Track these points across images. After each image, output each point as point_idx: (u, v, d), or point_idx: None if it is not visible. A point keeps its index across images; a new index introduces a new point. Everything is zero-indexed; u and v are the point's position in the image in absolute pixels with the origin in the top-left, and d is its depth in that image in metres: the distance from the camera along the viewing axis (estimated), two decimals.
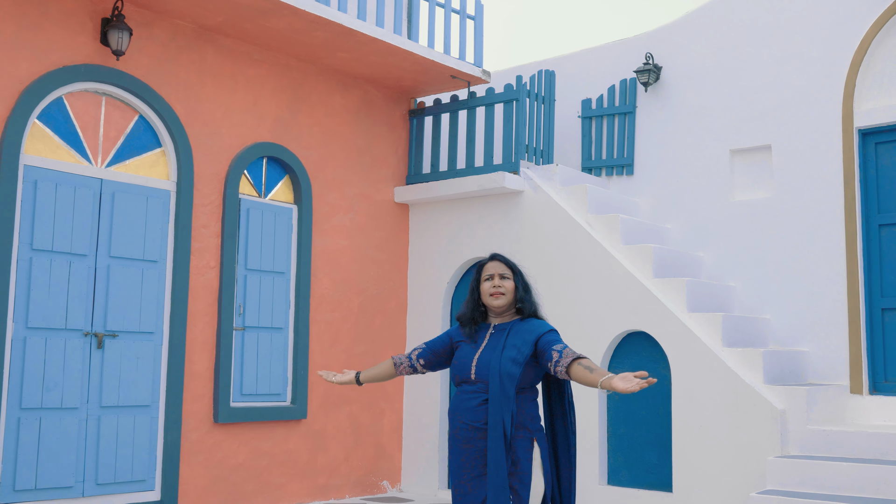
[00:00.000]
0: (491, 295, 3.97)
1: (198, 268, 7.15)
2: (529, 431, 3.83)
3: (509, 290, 3.98)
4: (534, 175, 8.14)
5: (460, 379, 3.94)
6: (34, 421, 6.13)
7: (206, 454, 7.06)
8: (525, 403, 3.86)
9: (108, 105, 6.79)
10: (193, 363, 7.05)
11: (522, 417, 3.83)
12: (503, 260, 4.09)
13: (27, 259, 6.20)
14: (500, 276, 3.99)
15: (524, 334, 3.88)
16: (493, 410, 3.74)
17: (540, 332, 3.86)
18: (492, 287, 3.97)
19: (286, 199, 7.95)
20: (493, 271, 4.02)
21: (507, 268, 4.04)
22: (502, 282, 3.98)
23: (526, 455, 3.77)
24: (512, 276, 4.03)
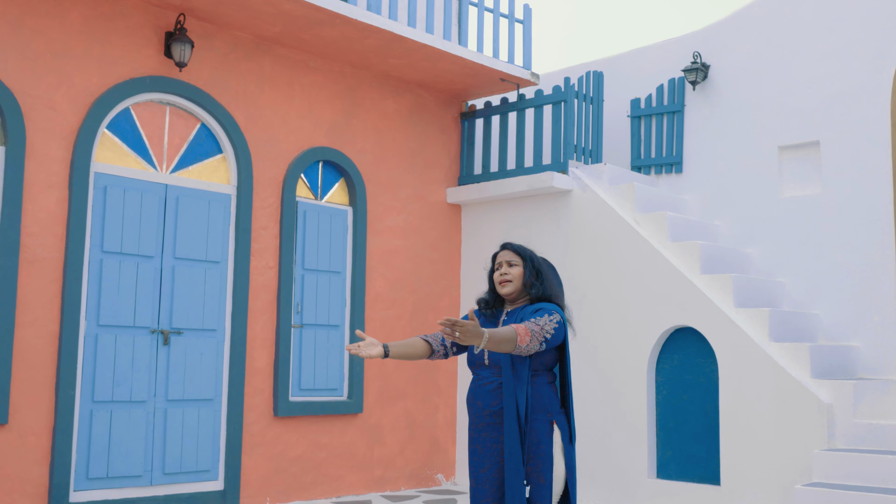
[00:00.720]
0: (499, 283, 4.03)
1: (257, 268, 7.47)
2: (548, 414, 3.89)
3: (516, 276, 4.01)
4: (582, 174, 8.29)
5: (475, 364, 4.00)
6: (105, 413, 6.50)
7: (266, 446, 7.38)
8: (542, 387, 3.92)
9: (172, 114, 7.16)
10: (254, 359, 7.38)
11: (540, 400, 3.89)
12: (512, 248, 4.10)
13: (98, 261, 6.58)
14: (507, 264, 4.03)
15: (529, 314, 3.94)
16: (507, 394, 3.82)
17: (536, 309, 3.93)
18: (499, 276, 4.03)
19: (341, 201, 8.24)
20: (502, 259, 4.08)
21: (516, 255, 4.05)
22: (510, 269, 4.01)
23: (547, 439, 3.85)
24: (521, 263, 4.05)
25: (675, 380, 7.50)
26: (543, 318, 3.86)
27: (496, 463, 3.88)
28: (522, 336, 3.74)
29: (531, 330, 3.77)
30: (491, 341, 3.67)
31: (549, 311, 3.92)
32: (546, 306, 3.94)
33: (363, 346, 3.77)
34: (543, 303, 4.00)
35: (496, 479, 3.88)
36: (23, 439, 6.11)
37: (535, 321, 3.82)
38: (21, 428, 6.11)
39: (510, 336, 3.71)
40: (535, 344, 3.80)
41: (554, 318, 3.89)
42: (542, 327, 3.82)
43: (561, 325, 3.95)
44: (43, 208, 6.34)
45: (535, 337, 3.80)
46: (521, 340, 3.75)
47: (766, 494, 6.73)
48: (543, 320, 3.85)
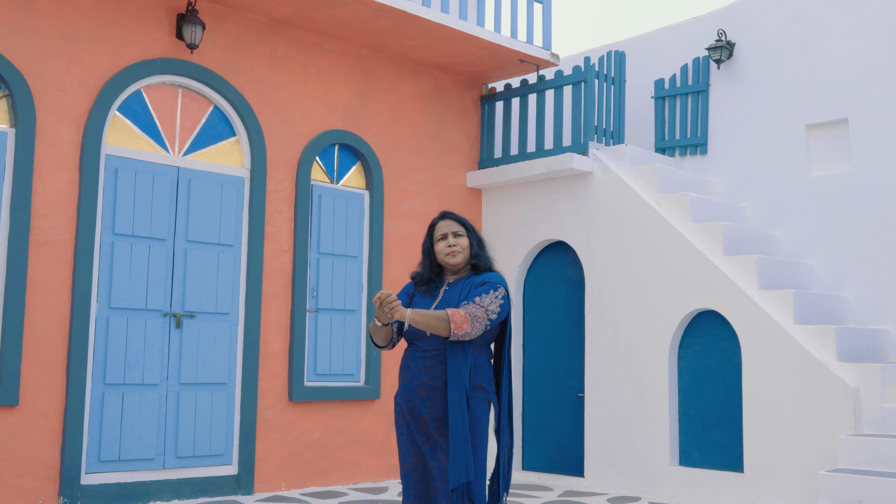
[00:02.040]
0: (447, 254, 3.87)
1: (271, 251, 7.41)
2: (485, 392, 3.74)
3: (464, 247, 3.86)
4: (603, 156, 8.12)
5: (415, 336, 3.80)
6: (117, 396, 6.48)
7: (281, 431, 7.31)
8: (482, 364, 3.78)
9: (185, 96, 7.11)
10: (268, 343, 7.31)
11: (479, 377, 3.75)
12: (455, 218, 3.95)
13: (109, 243, 6.55)
14: (453, 235, 3.88)
15: (475, 287, 3.80)
16: (451, 367, 3.65)
17: (482, 282, 3.78)
18: (447, 246, 3.87)
19: (358, 184, 8.15)
20: (447, 230, 3.89)
21: (460, 225, 3.91)
22: (457, 240, 3.87)
23: (484, 417, 3.71)
24: (465, 233, 3.91)
25: (697, 364, 7.30)
26: (489, 297, 3.72)
27: (440, 437, 3.71)
28: (460, 323, 3.61)
29: (472, 315, 3.64)
30: (415, 319, 3.58)
31: (495, 284, 3.78)
32: (492, 278, 3.81)
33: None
34: (488, 273, 3.86)
35: (440, 455, 3.71)
36: (34, 421, 6.10)
37: (480, 302, 3.69)
38: (32, 410, 6.10)
39: (440, 318, 3.60)
40: (477, 330, 3.68)
41: (499, 294, 3.77)
42: (485, 309, 3.70)
43: (506, 299, 3.82)
44: (53, 190, 6.33)
45: (478, 322, 3.67)
46: (458, 328, 3.61)
47: (790, 481, 6.52)
48: (488, 299, 3.71)
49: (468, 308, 3.64)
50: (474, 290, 3.76)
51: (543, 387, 8.42)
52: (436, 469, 3.70)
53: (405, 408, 3.80)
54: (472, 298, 3.69)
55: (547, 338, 8.45)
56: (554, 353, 8.38)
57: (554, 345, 8.40)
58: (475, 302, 3.67)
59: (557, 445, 8.28)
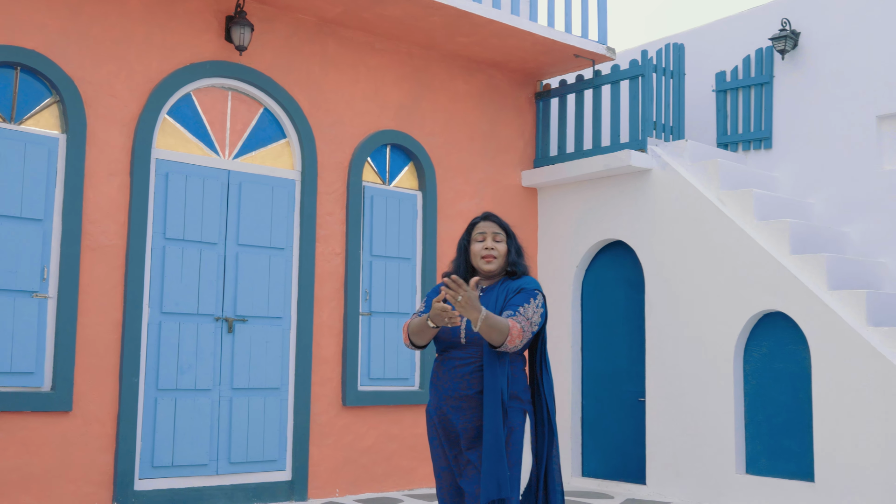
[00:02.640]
0: (483, 258, 3.65)
1: (323, 254, 7.31)
2: (521, 402, 3.55)
3: (502, 253, 3.65)
4: (662, 152, 7.85)
5: (447, 343, 3.58)
6: (170, 401, 6.44)
7: (335, 436, 7.21)
8: (517, 372, 3.58)
9: (234, 99, 7.06)
10: (321, 347, 7.22)
11: (515, 386, 3.53)
12: (497, 221, 3.72)
13: (160, 248, 6.52)
14: (493, 238, 3.66)
15: (512, 294, 3.59)
16: (488, 375, 3.43)
17: (519, 288, 3.58)
18: (484, 249, 3.65)
19: (410, 185, 8.01)
20: (486, 231, 3.67)
21: (502, 229, 3.69)
22: (495, 244, 3.65)
23: (520, 428, 3.52)
24: (505, 239, 3.69)
25: (764, 368, 7.00)
26: (531, 307, 3.52)
27: (474, 449, 3.50)
28: (514, 336, 3.42)
29: (523, 331, 3.45)
30: (485, 323, 3.35)
31: (532, 291, 3.58)
32: (527, 284, 3.61)
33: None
34: (525, 279, 3.65)
35: (473, 469, 3.50)
36: (87, 427, 6.09)
37: (523, 313, 3.48)
38: (85, 415, 6.09)
39: (503, 329, 3.39)
40: (523, 344, 3.51)
41: (539, 301, 3.59)
42: (529, 321, 3.51)
43: (544, 306, 3.64)
44: (104, 195, 6.31)
45: (525, 336, 3.49)
46: (512, 341, 3.42)
47: (865, 492, 6.19)
48: (530, 309, 3.52)
49: (519, 320, 3.45)
50: (512, 297, 3.56)
51: (603, 391, 8.19)
52: (466, 486, 3.51)
53: (437, 420, 3.62)
54: (515, 308, 3.49)
55: (606, 341, 8.22)
56: (614, 356, 8.14)
57: (613, 348, 8.16)
58: (520, 313, 3.47)
59: (618, 451, 8.04)
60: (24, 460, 5.82)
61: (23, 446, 5.82)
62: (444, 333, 3.58)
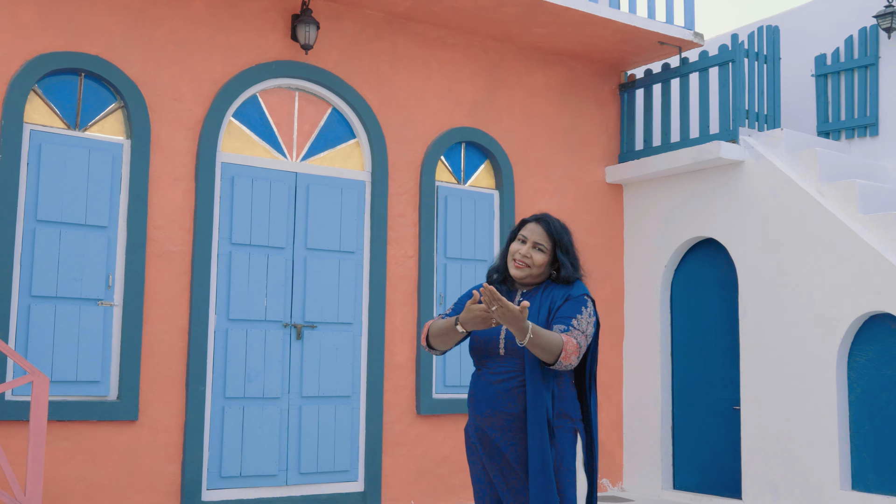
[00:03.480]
0: (512, 261, 3.28)
1: (395, 257, 7.07)
2: (571, 420, 3.17)
3: (537, 264, 3.24)
4: (755, 143, 7.32)
5: (484, 354, 3.23)
6: (237, 410, 6.30)
7: (409, 446, 6.96)
8: (565, 387, 3.20)
9: (302, 99, 6.88)
10: (394, 354, 6.98)
11: (563, 403, 3.15)
12: (548, 228, 3.27)
13: (227, 253, 6.39)
14: (533, 245, 3.25)
15: (559, 302, 3.21)
16: (531, 392, 3.06)
17: (566, 296, 3.19)
18: (518, 253, 3.24)
19: (487, 184, 7.70)
20: (529, 236, 3.26)
21: (549, 238, 3.25)
22: (533, 252, 3.23)
23: (570, 449, 3.14)
24: (549, 249, 3.25)
25: (870, 375, 6.41)
26: (583, 317, 3.14)
27: (519, 476, 3.14)
28: (570, 353, 3.03)
29: (579, 346, 3.07)
30: (532, 341, 2.97)
31: (582, 298, 3.19)
32: (576, 290, 3.21)
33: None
34: (574, 286, 3.24)
35: (519, 498, 3.14)
36: (154, 436, 6.00)
37: (577, 325, 3.10)
38: (152, 424, 6.00)
39: (554, 347, 3.00)
40: (578, 358, 3.10)
41: (590, 309, 3.19)
42: (584, 333, 3.12)
43: (596, 316, 3.24)
44: (170, 201, 6.22)
45: (580, 351, 3.09)
46: (567, 358, 3.03)
47: None
48: (583, 320, 3.13)
49: (574, 335, 3.07)
50: (560, 305, 3.19)
51: (695, 399, 7.69)
52: None
53: (477, 441, 3.25)
54: (568, 321, 3.11)
55: (698, 345, 7.72)
56: (706, 361, 7.64)
57: (706, 353, 7.65)
58: (574, 326, 3.10)
59: (712, 463, 7.53)
60: (90, 470, 5.76)
61: (88, 456, 5.76)
62: (480, 343, 3.24)
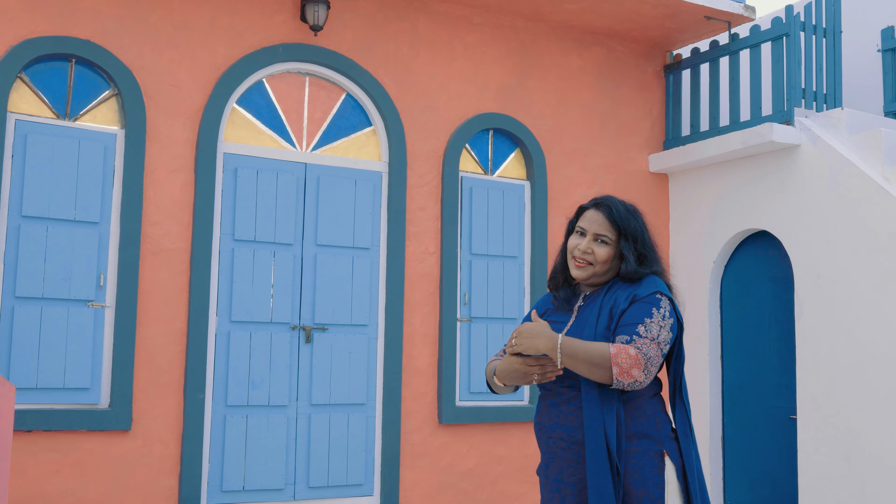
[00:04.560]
0: (573, 258, 2.77)
1: (415, 254, 6.56)
2: (655, 441, 2.62)
3: (601, 260, 2.73)
4: (813, 124, 6.61)
5: None
6: (240, 419, 5.85)
7: (430, 458, 6.44)
8: (643, 402, 2.64)
9: (312, 85, 6.41)
10: (413, 358, 6.46)
11: (641, 422, 2.62)
12: (609, 214, 2.74)
13: (229, 250, 5.95)
14: (594, 237, 2.74)
15: (623, 304, 2.67)
16: (588, 414, 2.56)
17: (631, 297, 2.65)
18: (577, 249, 2.75)
19: (517, 174, 7.13)
20: (588, 227, 2.75)
21: (611, 226, 2.73)
22: (594, 246, 2.72)
23: (655, 478, 2.54)
24: (615, 241, 2.73)
25: None
26: (653, 322, 2.58)
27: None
28: (627, 368, 2.48)
29: (646, 357, 2.51)
30: (567, 353, 2.50)
31: (653, 298, 2.62)
32: (645, 289, 2.66)
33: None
34: (642, 283, 2.68)
35: None
36: (148, 447, 5.58)
37: (645, 333, 2.55)
38: (146, 435, 5.58)
39: (598, 358, 2.49)
40: (651, 374, 2.53)
41: (664, 311, 2.61)
42: (656, 340, 2.55)
43: (674, 317, 2.64)
44: (166, 195, 5.80)
45: (652, 364, 2.52)
46: (625, 374, 2.49)
47: None
48: (654, 325, 2.57)
49: (640, 345, 2.53)
50: (623, 310, 2.65)
51: (747, 406, 7.00)
52: None
53: (549, 479, 2.70)
54: (632, 329, 2.57)
55: (750, 348, 7.02)
56: (759, 366, 6.94)
57: (758, 356, 6.96)
58: (640, 334, 2.55)
59: (766, 477, 6.84)
60: (79, 483, 5.36)
61: (77, 468, 5.37)
62: None
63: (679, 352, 2.73)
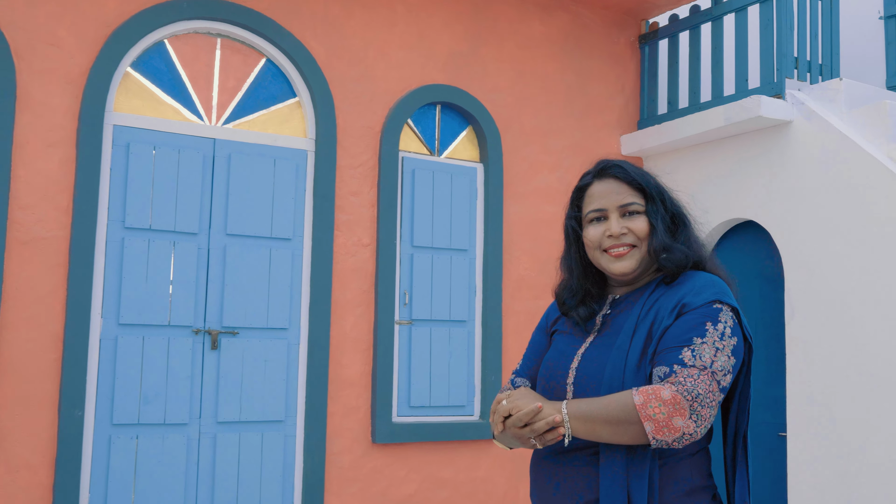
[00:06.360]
0: (608, 251, 2.03)
1: (345, 246, 5.65)
2: None
3: (641, 235, 2.01)
4: (806, 98, 5.73)
5: None
6: (129, 440, 4.93)
7: (361, 483, 5.53)
8: (681, 457, 1.91)
9: (225, 48, 5.50)
10: (343, 367, 5.55)
11: (678, 485, 1.87)
12: (625, 174, 2.06)
13: (118, 240, 5.03)
14: (621, 211, 2.04)
15: (668, 317, 1.90)
16: (607, 473, 1.84)
17: (680, 305, 1.90)
18: (607, 238, 2.03)
19: (468, 156, 6.23)
20: (606, 202, 2.05)
21: (634, 191, 2.05)
22: (628, 223, 2.03)
23: None
24: (644, 206, 2.03)
25: None
26: (706, 344, 1.84)
27: None
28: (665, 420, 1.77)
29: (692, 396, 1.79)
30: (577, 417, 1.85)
31: (710, 311, 1.91)
32: (696, 294, 1.92)
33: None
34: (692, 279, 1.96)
35: None
36: (13, 475, 4.65)
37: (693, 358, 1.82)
38: (10, 461, 4.65)
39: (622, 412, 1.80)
40: (706, 420, 1.82)
41: (723, 326, 1.87)
42: (710, 370, 1.82)
43: (739, 335, 1.92)
44: (41, 173, 4.87)
45: (705, 406, 1.81)
46: (665, 430, 1.78)
47: None
48: (707, 350, 1.84)
49: (684, 379, 1.81)
50: (666, 327, 1.90)
51: None
52: None
53: None
54: (674, 358, 1.84)
55: None
56: None
57: None
58: (685, 363, 1.83)
59: (753, 499, 5.96)
60: None
61: None
62: (544, 386, 2.07)
63: (745, 387, 2.00)
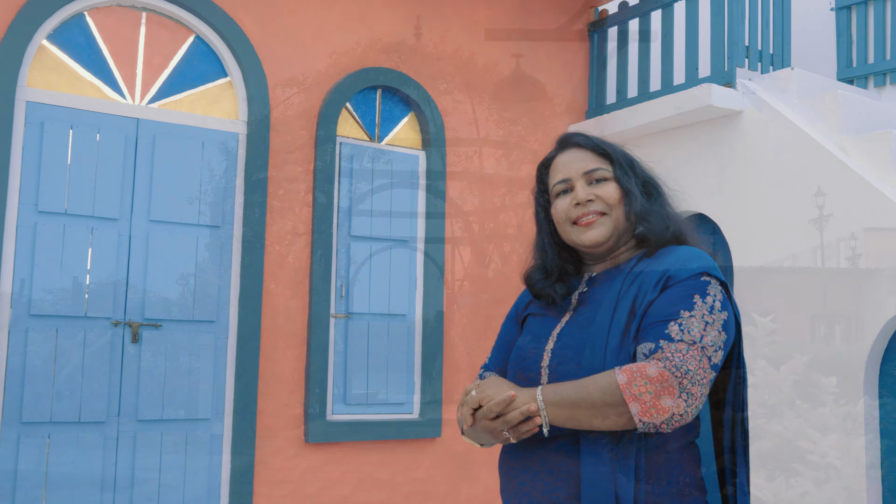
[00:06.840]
0: (575, 223, 1.95)
1: (279, 235, 5.36)
2: (697, 497, 1.79)
3: (612, 201, 1.95)
4: (757, 87, 5.58)
5: None
6: (40, 440, 4.59)
7: (293, 484, 5.25)
8: (671, 444, 1.78)
9: (151, 23, 5.17)
10: (274, 362, 5.27)
11: (666, 476, 1.75)
12: (588, 143, 2.00)
13: (30, 225, 4.68)
14: (587, 178, 1.97)
15: (651, 291, 1.80)
16: (588, 462, 1.72)
17: (664, 276, 1.81)
18: (574, 207, 1.95)
19: (410, 143, 5.98)
20: (572, 171, 1.98)
21: (600, 158, 1.99)
22: (595, 189, 1.95)
23: None
24: (611, 172, 1.98)
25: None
26: (695, 318, 1.72)
27: None
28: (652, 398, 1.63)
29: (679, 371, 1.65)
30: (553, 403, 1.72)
31: (698, 284, 1.78)
32: (681, 265, 1.82)
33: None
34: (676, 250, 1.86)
35: None
36: None
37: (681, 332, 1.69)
38: None
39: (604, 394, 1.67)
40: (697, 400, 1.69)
41: (711, 299, 1.76)
42: (699, 345, 1.70)
43: (729, 309, 1.80)
44: None
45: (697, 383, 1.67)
46: (651, 409, 1.65)
47: None
48: (695, 324, 1.72)
49: (671, 355, 1.68)
50: (651, 301, 1.79)
51: None
52: None
53: None
54: (659, 333, 1.72)
55: None
56: None
57: None
58: (672, 337, 1.71)
59: None
60: None
61: None
62: (515, 371, 1.96)
63: (740, 367, 1.87)
